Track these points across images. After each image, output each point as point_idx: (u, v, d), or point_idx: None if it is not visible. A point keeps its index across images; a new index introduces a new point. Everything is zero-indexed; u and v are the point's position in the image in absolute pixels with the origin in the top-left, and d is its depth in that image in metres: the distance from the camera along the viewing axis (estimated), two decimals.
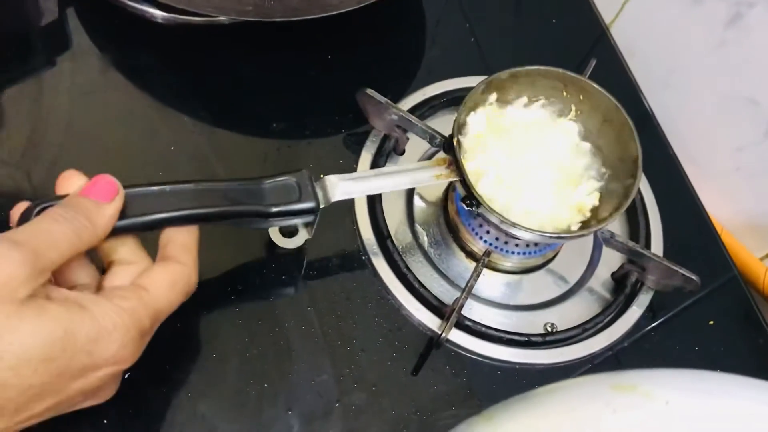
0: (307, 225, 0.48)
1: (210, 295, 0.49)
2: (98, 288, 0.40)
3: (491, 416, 0.24)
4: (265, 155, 0.56)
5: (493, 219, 0.47)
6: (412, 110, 0.59)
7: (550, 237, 0.49)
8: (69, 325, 0.34)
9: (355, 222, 0.54)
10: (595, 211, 0.51)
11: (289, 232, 0.50)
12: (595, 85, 0.53)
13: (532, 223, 0.48)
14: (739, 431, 0.22)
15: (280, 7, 0.58)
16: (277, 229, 0.49)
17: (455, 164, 0.49)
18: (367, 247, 0.53)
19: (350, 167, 0.56)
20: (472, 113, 0.52)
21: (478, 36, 0.68)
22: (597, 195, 0.51)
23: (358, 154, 0.57)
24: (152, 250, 0.42)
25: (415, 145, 0.57)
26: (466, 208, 0.49)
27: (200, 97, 0.58)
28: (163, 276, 0.40)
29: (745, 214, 0.65)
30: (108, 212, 0.38)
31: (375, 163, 0.57)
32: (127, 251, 0.41)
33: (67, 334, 0.34)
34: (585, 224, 0.51)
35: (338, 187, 0.46)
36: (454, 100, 0.61)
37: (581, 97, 0.54)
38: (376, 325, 0.50)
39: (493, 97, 0.53)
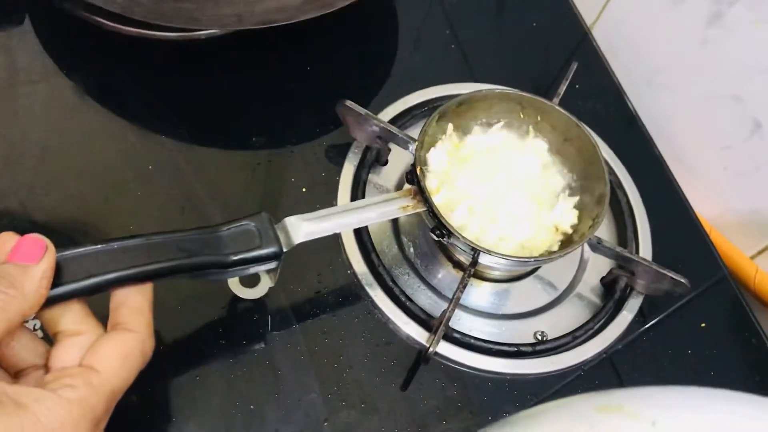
0: (269, 271, 0.45)
1: (191, 315, 0.48)
2: (46, 367, 0.36)
3: None
4: (246, 170, 0.55)
5: (465, 248, 0.47)
6: (394, 120, 0.59)
7: (524, 262, 0.48)
8: (4, 429, 0.30)
9: (339, 235, 0.53)
10: (574, 226, 0.51)
11: (251, 281, 0.47)
12: (554, 105, 0.53)
13: (506, 249, 0.48)
14: None
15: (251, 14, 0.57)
16: (237, 279, 0.46)
17: (421, 194, 0.48)
18: (352, 261, 0.52)
19: (333, 179, 0.55)
20: (432, 149, 0.52)
21: (460, 41, 0.68)
22: (576, 212, 0.51)
23: (340, 165, 0.56)
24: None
25: (399, 155, 0.57)
26: (436, 239, 0.48)
27: (177, 114, 0.57)
28: (114, 350, 0.35)
29: (734, 213, 0.65)
30: (36, 275, 0.34)
31: (358, 175, 0.56)
32: (72, 320, 0.36)
33: None
34: (564, 241, 0.51)
35: (300, 228, 0.44)
36: (436, 109, 0.61)
37: (539, 118, 0.54)
38: (363, 340, 0.49)
39: (450, 128, 0.53)
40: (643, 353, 0.53)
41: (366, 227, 0.53)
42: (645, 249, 0.58)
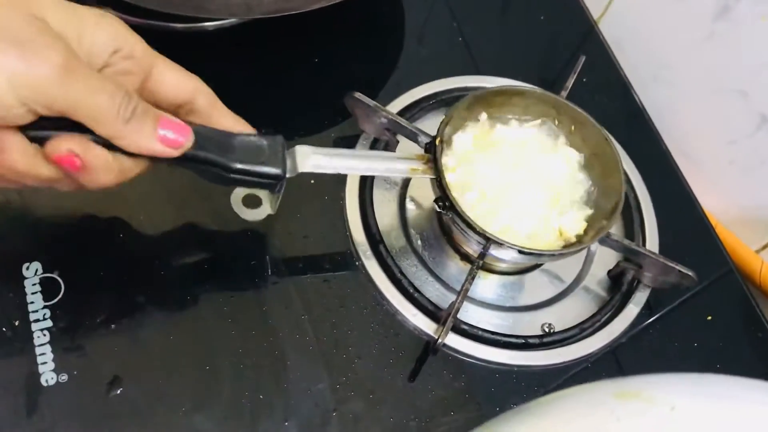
0: (271, 196, 0.46)
1: (201, 306, 0.48)
2: None
3: (492, 429, 0.24)
4: None
5: (463, 226, 0.47)
6: (402, 112, 0.59)
7: (527, 253, 0.47)
8: None
9: (347, 227, 0.53)
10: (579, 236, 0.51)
11: (253, 203, 0.47)
12: (588, 117, 0.53)
13: (509, 239, 0.48)
14: None
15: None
16: (240, 199, 0.47)
17: (434, 163, 0.48)
18: (360, 252, 0.52)
19: None
20: (460, 131, 0.52)
21: (465, 35, 0.68)
22: (584, 225, 0.51)
23: None
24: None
25: (406, 147, 0.57)
26: (437, 210, 0.48)
27: None
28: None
29: (740, 207, 0.65)
30: None
31: None
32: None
33: None
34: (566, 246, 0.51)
35: (309, 158, 0.44)
36: (444, 102, 0.61)
37: (572, 128, 0.53)
38: (371, 331, 0.49)
39: (484, 116, 0.53)
40: (650, 346, 0.53)
41: (374, 218, 0.53)
42: (652, 242, 0.58)
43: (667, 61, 0.68)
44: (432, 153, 0.48)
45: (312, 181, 0.55)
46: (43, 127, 0.35)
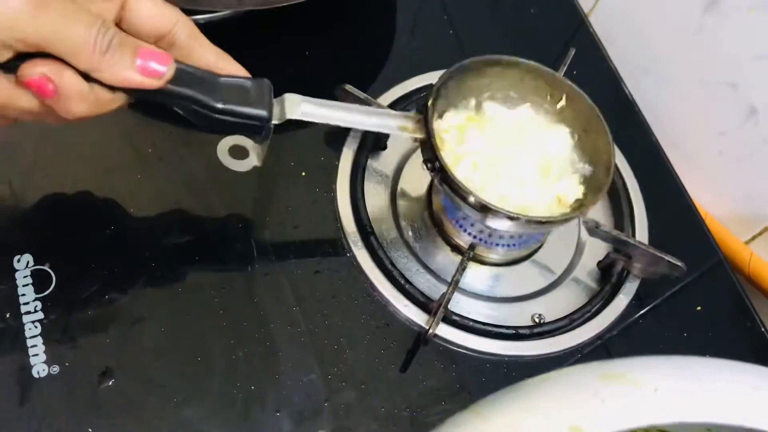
0: (257, 146, 0.46)
1: (192, 297, 0.48)
2: None
3: (479, 411, 0.24)
4: None
5: (452, 192, 0.46)
6: (393, 105, 0.59)
7: (527, 222, 0.47)
8: None
9: (338, 218, 0.53)
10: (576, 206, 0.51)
11: (239, 155, 0.47)
12: (582, 93, 0.53)
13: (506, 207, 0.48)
14: (728, 415, 0.22)
15: None
16: (226, 149, 0.47)
17: (424, 123, 0.47)
18: (351, 244, 0.52)
19: (332, 164, 0.56)
20: (453, 109, 0.52)
21: (456, 27, 0.68)
22: (582, 188, 0.51)
23: (339, 150, 0.56)
24: None
25: (397, 139, 0.57)
26: (425, 170, 0.47)
27: None
28: None
29: (729, 199, 0.65)
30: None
31: (357, 160, 0.56)
32: None
33: None
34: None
35: (299, 106, 0.44)
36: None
37: (565, 102, 0.53)
38: (362, 322, 0.50)
39: (472, 103, 0.53)
40: (640, 336, 0.54)
41: (365, 209, 0.53)
42: (641, 233, 0.58)
43: (656, 53, 0.68)
44: (423, 113, 0.48)
45: (303, 173, 0.55)
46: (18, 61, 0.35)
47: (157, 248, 0.49)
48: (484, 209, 0.46)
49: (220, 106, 0.41)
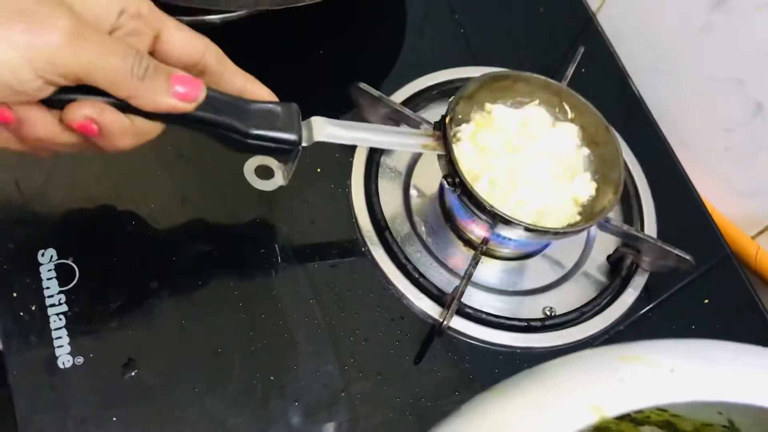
0: (284, 167, 0.47)
1: (212, 290, 0.49)
2: None
3: (502, 390, 0.25)
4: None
5: (471, 204, 0.48)
6: (405, 103, 0.60)
7: (539, 232, 0.49)
8: None
9: (353, 214, 0.54)
10: (589, 206, 0.52)
11: (265, 175, 0.49)
12: (589, 105, 0.54)
13: (525, 215, 0.49)
14: (742, 395, 0.23)
15: None
16: (253, 169, 0.49)
17: (444, 140, 0.49)
18: (366, 239, 0.53)
19: (346, 161, 0.57)
20: (465, 123, 0.53)
21: (465, 27, 0.69)
22: (594, 185, 0.52)
23: (353, 148, 0.57)
24: None
25: None
26: (447, 187, 0.49)
27: None
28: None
29: (736, 194, 0.66)
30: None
31: (370, 157, 0.57)
32: None
33: None
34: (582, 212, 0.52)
35: (324, 128, 0.45)
36: (446, 92, 0.62)
37: (572, 116, 0.55)
38: (378, 315, 0.51)
39: (482, 113, 0.54)
40: (648, 328, 0.55)
41: (379, 205, 0.54)
42: (650, 228, 0.59)
43: (664, 51, 0.69)
44: (441, 129, 0.49)
45: (318, 170, 0.56)
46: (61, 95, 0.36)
47: (178, 243, 0.51)
48: (505, 222, 0.48)
49: (252, 131, 0.42)
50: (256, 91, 0.44)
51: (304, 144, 0.44)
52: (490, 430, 0.23)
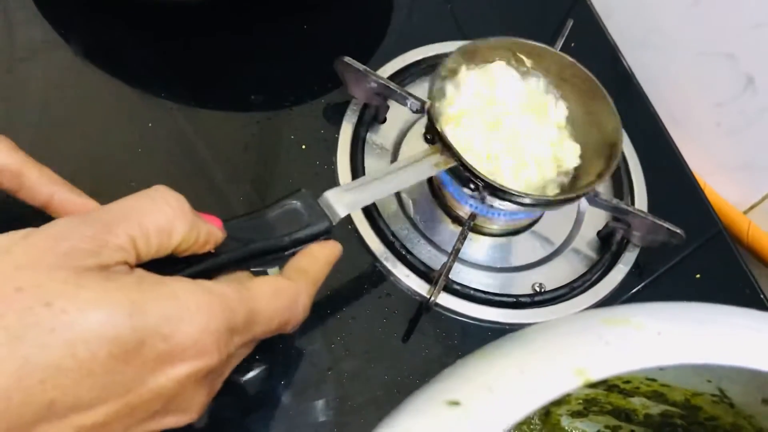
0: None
1: None
2: None
3: (485, 354, 0.24)
4: (245, 128, 0.55)
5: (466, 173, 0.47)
6: (392, 77, 0.59)
7: (534, 202, 0.48)
8: (139, 297, 0.28)
9: None
10: (576, 179, 0.51)
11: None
12: (546, 47, 0.53)
13: (520, 185, 0.48)
14: (731, 356, 0.22)
15: None
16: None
17: (447, 150, 0.47)
18: (352, 216, 0.52)
19: (331, 137, 0.56)
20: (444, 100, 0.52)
21: (452, 1, 0.68)
22: (577, 147, 0.51)
23: (339, 124, 0.57)
24: None
25: (397, 112, 0.57)
26: (470, 193, 0.48)
27: (177, 73, 0.57)
28: (267, 283, 0.35)
29: (727, 169, 0.66)
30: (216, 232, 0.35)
31: (356, 133, 0.56)
32: None
33: (135, 307, 0.27)
34: (565, 191, 0.51)
35: (342, 200, 0.43)
36: (434, 67, 0.61)
37: (563, 78, 0.54)
38: (365, 292, 0.50)
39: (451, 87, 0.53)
40: (640, 302, 0.54)
41: None
42: (641, 204, 0.59)
43: (654, 25, 0.68)
44: (440, 141, 0.47)
45: (303, 147, 0.55)
46: None
47: None
48: (494, 190, 0.46)
49: (287, 241, 0.39)
50: (69, 199, 0.40)
51: (334, 224, 0.42)
52: (472, 394, 0.22)
